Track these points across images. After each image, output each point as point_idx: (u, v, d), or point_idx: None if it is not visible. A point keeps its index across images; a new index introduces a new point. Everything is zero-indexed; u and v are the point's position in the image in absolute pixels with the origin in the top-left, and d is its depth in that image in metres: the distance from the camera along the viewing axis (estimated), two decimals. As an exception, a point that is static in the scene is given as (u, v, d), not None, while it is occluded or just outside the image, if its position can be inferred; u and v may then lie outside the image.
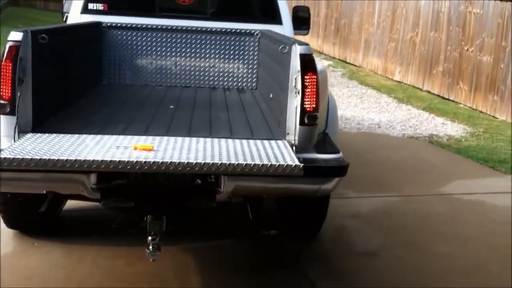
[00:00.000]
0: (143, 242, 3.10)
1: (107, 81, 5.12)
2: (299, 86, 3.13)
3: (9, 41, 3.03)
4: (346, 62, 14.62)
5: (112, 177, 3.08)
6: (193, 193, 3.18)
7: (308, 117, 3.15)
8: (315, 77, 3.15)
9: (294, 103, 3.17)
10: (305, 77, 3.12)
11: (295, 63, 3.17)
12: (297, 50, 3.15)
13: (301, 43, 3.21)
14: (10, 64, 3.00)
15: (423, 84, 11.14)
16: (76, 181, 2.98)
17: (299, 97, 3.14)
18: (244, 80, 5.23)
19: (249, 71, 5.21)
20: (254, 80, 5.22)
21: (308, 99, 3.14)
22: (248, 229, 4.31)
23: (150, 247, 3.04)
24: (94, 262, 3.82)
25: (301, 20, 6.05)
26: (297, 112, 3.15)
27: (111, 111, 3.87)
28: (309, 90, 3.14)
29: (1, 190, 3.33)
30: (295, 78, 3.16)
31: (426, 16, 11.09)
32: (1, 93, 3.03)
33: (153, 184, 3.12)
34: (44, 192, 3.23)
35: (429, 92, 10.84)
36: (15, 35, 3.04)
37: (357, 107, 9.60)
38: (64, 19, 6.11)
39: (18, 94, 3.03)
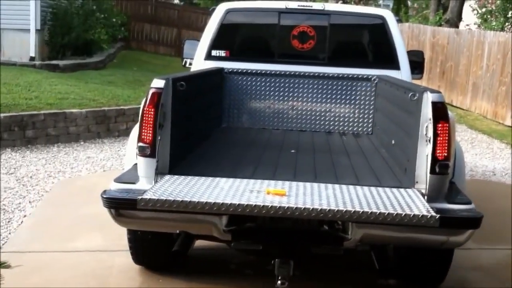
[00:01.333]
0: (265, 286, 3.13)
1: (226, 124, 5.31)
2: (430, 134, 3.09)
3: (152, 87, 3.24)
4: (453, 105, 14.21)
5: (243, 220, 3.16)
6: (320, 239, 3.19)
7: (439, 165, 3.10)
8: (447, 125, 3.11)
9: (424, 151, 3.14)
10: (438, 125, 3.09)
11: (426, 111, 3.14)
12: (428, 98, 3.13)
13: (433, 91, 3.18)
14: (153, 110, 3.20)
15: (538, 130, 10.60)
16: (209, 222, 3.08)
17: (430, 145, 3.10)
18: (360, 125, 5.23)
19: (365, 116, 5.21)
20: (370, 125, 5.21)
21: (439, 148, 3.09)
22: (373, 278, 4.22)
23: (279, 291, 3.07)
24: (216, 302, 3.89)
25: (415, 64, 5.98)
26: (428, 160, 3.10)
27: (237, 154, 4.01)
28: (441, 138, 3.09)
29: (140, 228, 3.53)
30: (426, 126, 3.13)
31: (542, 59, 10.62)
32: (143, 137, 3.23)
33: (280, 228, 3.17)
34: (177, 231, 3.37)
35: (545, 138, 10.28)
36: (158, 83, 3.24)
37: (468, 153, 9.25)
38: (183, 64, 6.41)
39: (159, 138, 3.22)
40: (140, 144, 3.24)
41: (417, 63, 6.07)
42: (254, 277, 3.44)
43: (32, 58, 11.73)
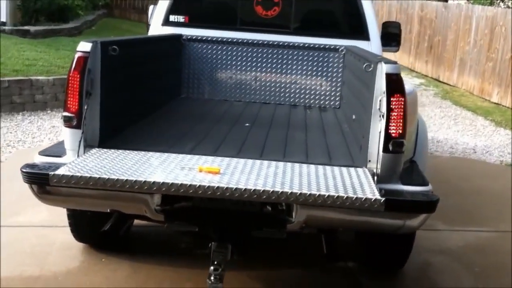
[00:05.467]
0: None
1: (185, 95, 5.00)
2: (384, 109, 2.80)
3: (77, 51, 2.92)
4: (439, 81, 13.93)
5: (177, 199, 2.88)
6: (261, 222, 2.92)
7: (393, 143, 2.81)
8: (403, 99, 2.81)
9: (377, 128, 2.85)
10: (391, 99, 2.79)
11: (380, 84, 2.85)
12: (383, 69, 2.83)
13: (388, 61, 2.88)
14: (78, 76, 2.89)
15: (523, 107, 10.35)
16: (139, 201, 2.80)
17: (383, 121, 2.81)
18: (327, 98, 4.94)
19: (333, 89, 4.91)
20: (337, 99, 4.92)
21: (393, 124, 2.81)
22: (321, 262, 3.97)
23: (212, 278, 2.81)
24: (160, 284, 3.64)
25: (391, 37, 5.66)
26: (381, 137, 2.82)
27: (183, 128, 3.70)
28: (395, 113, 2.80)
29: (65, 206, 3.24)
30: (380, 100, 2.84)
31: (529, 34, 10.32)
32: (68, 106, 2.92)
33: (219, 209, 2.89)
34: (108, 210, 3.09)
35: (530, 115, 10.04)
36: (84, 46, 2.92)
37: (450, 129, 9.00)
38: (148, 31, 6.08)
39: (85, 107, 2.91)
40: (65, 113, 2.93)
41: (393, 35, 5.74)
42: (199, 258, 3.15)
43: (3, 23, 11.28)
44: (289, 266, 3.97)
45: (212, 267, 2.82)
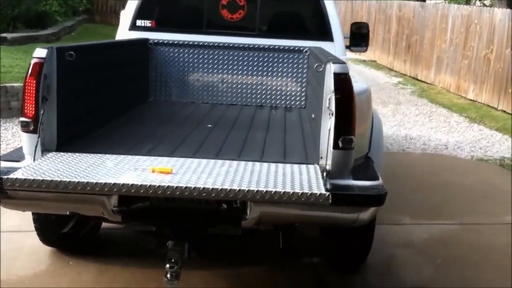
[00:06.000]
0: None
1: (153, 98, 5.07)
2: (332, 107, 2.89)
3: (33, 57, 2.98)
4: (417, 79, 14.09)
5: (133, 200, 2.94)
6: (217, 219, 2.99)
7: (342, 140, 2.90)
8: (351, 97, 2.90)
9: (327, 125, 2.93)
10: (339, 97, 2.88)
11: (329, 83, 2.93)
12: (331, 69, 2.92)
13: (336, 61, 2.97)
14: (34, 81, 2.95)
15: (498, 103, 10.50)
16: (95, 203, 2.86)
17: (333, 119, 2.89)
18: (293, 98, 5.03)
19: (298, 90, 5.00)
20: (303, 99, 5.01)
21: (342, 121, 2.89)
22: (280, 259, 4.05)
23: (168, 275, 2.88)
24: (125, 285, 3.70)
25: (360, 37, 5.76)
26: (330, 135, 2.90)
27: (145, 130, 3.77)
28: (344, 111, 2.89)
29: (25, 210, 3.30)
30: (329, 99, 2.93)
31: (501, 32, 10.48)
32: (25, 111, 2.98)
33: (175, 208, 2.96)
34: (68, 213, 3.15)
35: (504, 111, 10.19)
36: (40, 52, 2.98)
37: (424, 126, 9.14)
38: None
39: (42, 112, 2.97)
40: (22, 118, 2.99)
41: (363, 35, 5.84)
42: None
43: (-20, 31, 11.31)
44: (249, 263, 4.04)
45: (168, 265, 2.89)
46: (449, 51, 12.55)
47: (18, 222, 4.47)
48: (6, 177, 2.58)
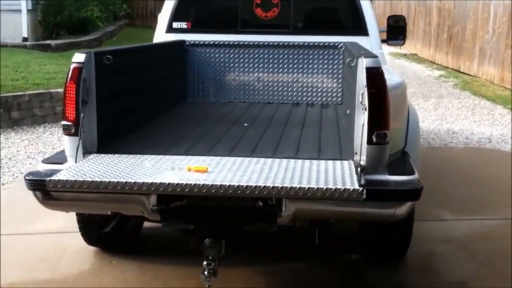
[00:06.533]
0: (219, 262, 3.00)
1: (191, 99, 5.15)
2: (366, 102, 2.89)
3: (73, 62, 3.08)
4: (460, 72, 13.81)
5: (172, 199, 3.00)
6: (253, 216, 3.02)
7: (376, 135, 2.89)
8: (384, 92, 2.89)
9: (361, 120, 2.93)
10: (373, 92, 2.87)
11: (362, 78, 2.93)
12: (363, 64, 2.91)
13: (368, 55, 2.96)
14: (74, 86, 3.04)
15: (544, 94, 10.21)
16: (135, 202, 2.93)
17: (366, 113, 2.89)
18: (329, 95, 5.02)
19: (334, 86, 5.00)
20: (339, 95, 5.00)
21: (376, 116, 2.88)
22: (315, 255, 4.06)
23: (206, 272, 2.93)
24: (166, 283, 3.78)
25: (398, 30, 5.72)
26: (364, 130, 2.90)
27: (183, 131, 3.84)
28: (377, 106, 2.88)
29: (68, 211, 3.41)
30: (362, 94, 2.92)
31: (546, 19, 10.18)
32: (66, 115, 3.08)
33: (212, 206, 3.01)
34: (109, 213, 3.24)
35: (550, 102, 9.91)
36: (79, 57, 3.08)
37: (467, 120, 8.96)
38: None
39: (82, 115, 3.07)
40: (64, 122, 3.10)
41: (400, 28, 5.80)
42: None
43: (25, 39, 11.65)
44: (285, 260, 4.06)
45: (205, 262, 2.95)
46: (492, 42, 12.26)
47: (64, 223, 4.62)
48: (49, 178, 2.68)
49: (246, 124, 4.07)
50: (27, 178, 2.96)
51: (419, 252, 4.14)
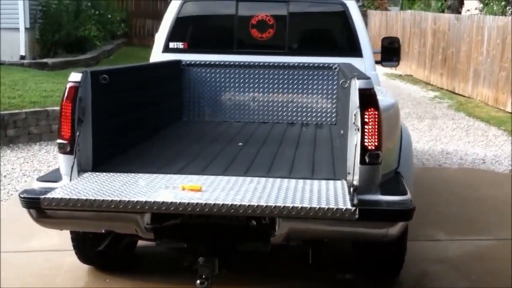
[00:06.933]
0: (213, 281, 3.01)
1: (187, 118, 5.18)
2: (358, 123, 2.93)
3: (69, 81, 3.11)
4: (455, 93, 13.92)
5: (166, 217, 3.02)
6: (247, 235, 3.04)
7: (369, 155, 2.93)
8: (377, 113, 2.93)
9: (354, 141, 2.97)
10: (365, 113, 2.92)
11: (355, 98, 2.97)
12: (356, 85, 2.96)
13: (361, 77, 3.01)
14: (70, 104, 3.08)
15: (537, 115, 10.29)
16: (129, 221, 2.95)
17: (359, 134, 2.93)
18: (324, 115, 5.07)
19: (329, 106, 5.05)
20: (333, 115, 5.05)
21: (369, 137, 2.92)
22: (309, 274, 4.06)
23: (199, 291, 2.94)
24: (160, 302, 3.78)
25: (392, 51, 5.78)
26: (357, 150, 2.94)
27: (177, 149, 3.87)
28: (370, 127, 2.92)
29: (62, 229, 3.42)
30: (355, 114, 2.97)
31: (539, 42, 10.31)
32: (61, 133, 3.11)
33: (206, 224, 3.03)
34: (103, 231, 3.25)
35: (544, 123, 9.98)
36: (75, 76, 3.12)
37: (461, 141, 9.02)
38: None
39: (77, 134, 3.09)
40: (59, 140, 3.13)
41: (394, 50, 5.87)
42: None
43: (22, 57, 11.72)
44: (279, 279, 4.07)
45: (198, 281, 2.96)
46: (486, 64, 12.39)
47: (58, 241, 4.61)
48: (43, 196, 2.70)
49: (240, 144, 4.11)
50: (22, 196, 2.98)
51: (412, 271, 4.16)
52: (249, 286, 3.97)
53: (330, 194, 2.80)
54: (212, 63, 5.10)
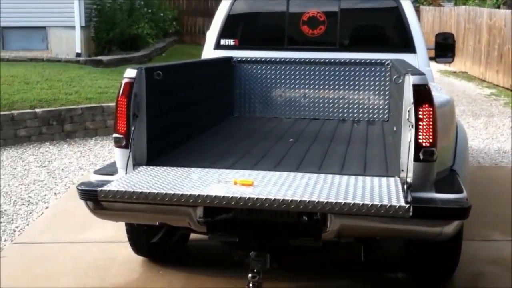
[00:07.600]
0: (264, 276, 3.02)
1: (238, 114, 5.22)
2: (412, 119, 2.89)
3: (124, 78, 3.19)
4: (510, 90, 13.49)
5: (218, 211, 3.06)
6: (298, 231, 3.04)
7: (423, 152, 2.88)
8: (431, 109, 2.88)
9: (408, 138, 2.93)
10: (419, 109, 2.87)
11: (408, 95, 2.93)
12: (410, 81, 2.92)
13: (415, 72, 2.97)
14: (125, 100, 3.15)
15: None
16: (182, 214, 3.00)
17: (413, 130, 2.89)
18: (375, 111, 5.01)
19: (381, 103, 4.99)
20: (386, 112, 4.98)
21: (423, 134, 2.88)
22: (361, 272, 4.02)
23: (250, 285, 2.97)
24: (211, 295, 3.83)
25: (446, 47, 5.66)
26: (411, 147, 2.89)
27: (229, 145, 3.91)
28: (424, 123, 2.87)
29: (117, 220, 3.51)
30: (409, 111, 2.92)
31: None
32: (117, 128, 3.19)
33: (257, 219, 3.05)
34: (157, 223, 3.32)
35: None
36: (130, 72, 3.19)
37: (508, 141, 8.74)
38: None
39: (133, 129, 3.17)
40: (115, 135, 3.21)
41: (449, 46, 5.74)
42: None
43: (78, 55, 12.07)
44: (330, 276, 4.04)
45: (250, 275, 2.98)
46: (545, 60, 11.96)
47: (113, 233, 4.73)
48: (100, 189, 2.78)
49: (291, 140, 4.11)
50: (80, 188, 3.07)
51: (467, 272, 4.06)
52: (299, 282, 3.97)
53: (383, 191, 2.78)
54: (263, 59, 5.12)
